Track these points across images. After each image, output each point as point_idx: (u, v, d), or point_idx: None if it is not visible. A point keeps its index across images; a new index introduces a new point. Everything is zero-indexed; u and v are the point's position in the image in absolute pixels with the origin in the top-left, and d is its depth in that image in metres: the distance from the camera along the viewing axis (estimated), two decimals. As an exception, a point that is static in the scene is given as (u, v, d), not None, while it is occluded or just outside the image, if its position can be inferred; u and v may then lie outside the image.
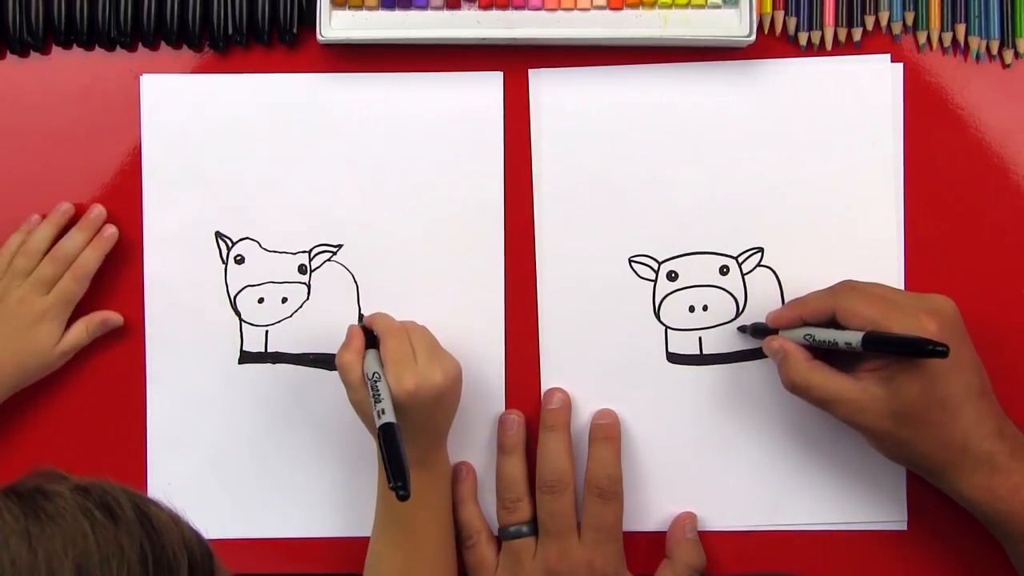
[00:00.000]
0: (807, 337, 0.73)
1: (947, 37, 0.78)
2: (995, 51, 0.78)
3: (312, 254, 0.79)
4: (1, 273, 0.78)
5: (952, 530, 0.78)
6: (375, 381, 0.70)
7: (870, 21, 0.78)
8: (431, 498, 0.75)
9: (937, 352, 0.66)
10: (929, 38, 0.78)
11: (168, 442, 0.80)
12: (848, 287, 0.72)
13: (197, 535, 0.55)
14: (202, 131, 0.79)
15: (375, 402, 0.69)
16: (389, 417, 0.68)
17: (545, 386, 0.79)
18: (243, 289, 0.80)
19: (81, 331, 0.78)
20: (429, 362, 0.72)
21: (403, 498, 0.64)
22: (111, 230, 0.79)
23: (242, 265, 0.80)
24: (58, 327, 0.77)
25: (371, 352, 0.73)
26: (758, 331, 0.77)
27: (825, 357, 0.73)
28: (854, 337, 0.69)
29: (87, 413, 0.80)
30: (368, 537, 0.76)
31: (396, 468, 0.65)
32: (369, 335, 0.74)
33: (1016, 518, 0.69)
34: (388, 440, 0.67)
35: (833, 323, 0.72)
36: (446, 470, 0.76)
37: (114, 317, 0.79)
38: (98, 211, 0.79)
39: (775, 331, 0.75)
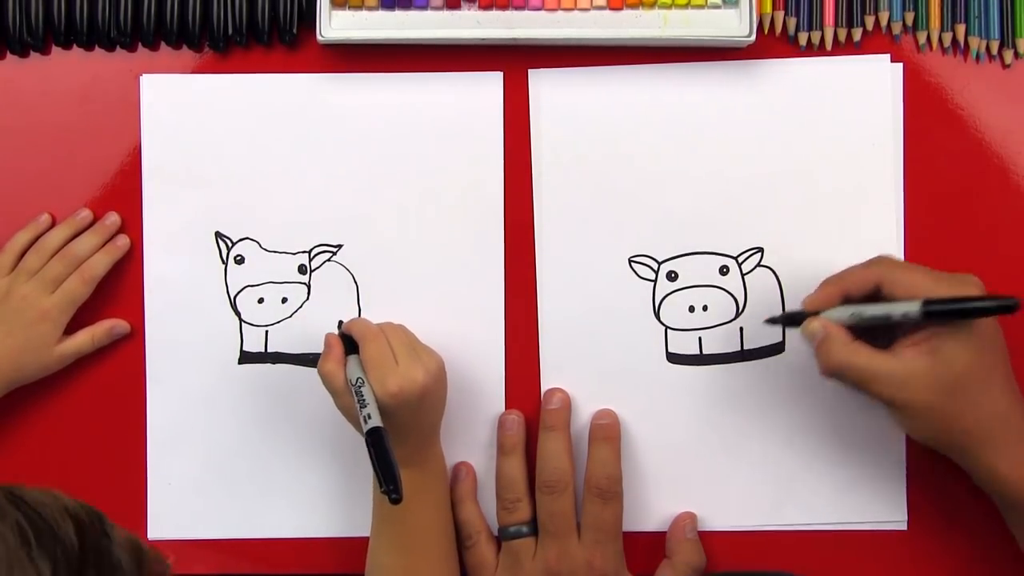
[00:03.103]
0: (853, 316, 0.70)
1: (947, 37, 0.78)
2: (995, 51, 0.78)
3: (312, 254, 0.80)
4: (7, 269, 0.78)
5: (952, 530, 0.78)
6: (359, 387, 0.70)
7: (870, 21, 0.78)
8: (427, 494, 0.75)
9: (1008, 308, 0.65)
10: (929, 38, 0.78)
11: (168, 442, 0.80)
12: (889, 260, 0.72)
13: (80, 503, 0.53)
14: (202, 131, 0.80)
15: (360, 408, 0.69)
16: (375, 421, 0.68)
17: (545, 386, 0.79)
18: (243, 289, 0.80)
19: (86, 339, 0.78)
20: (410, 361, 0.72)
21: (396, 501, 0.65)
22: (124, 240, 0.79)
23: (242, 265, 0.80)
24: (59, 327, 0.77)
25: (352, 358, 0.73)
26: (792, 320, 0.74)
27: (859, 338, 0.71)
28: (911, 306, 0.67)
29: (87, 413, 0.80)
30: (366, 537, 0.76)
31: (386, 472, 0.66)
32: (348, 342, 0.74)
33: None
34: (376, 445, 0.67)
35: (872, 298, 0.70)
36: (441, 466, 0.76)
37: (120, 325, 0.79)
38: (113, 218, 0.79)
39: (805, 317, 0.72)
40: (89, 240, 0.78)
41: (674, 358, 0.79)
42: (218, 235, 0.80)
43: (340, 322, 0.78)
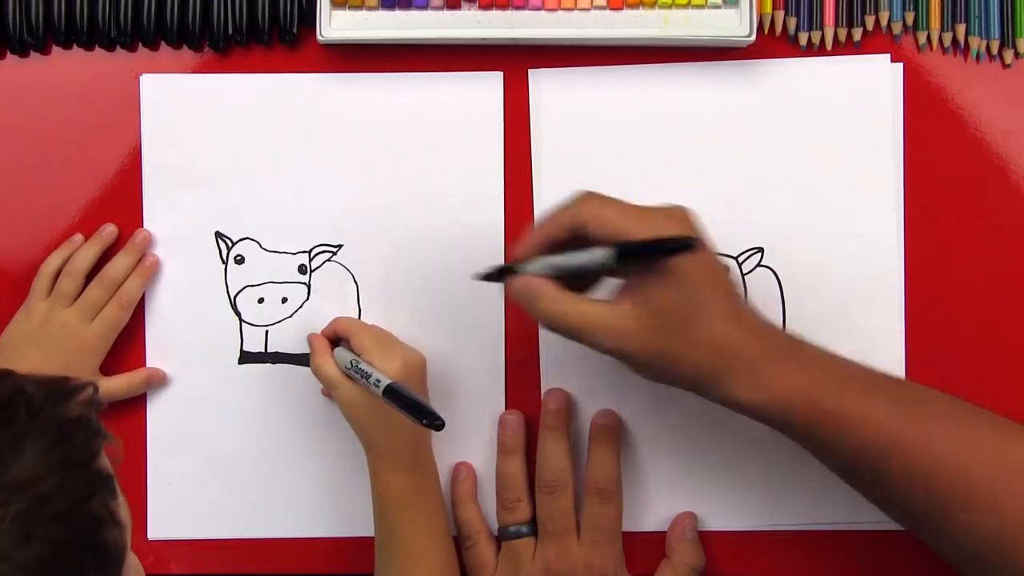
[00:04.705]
0: (551, 268, 0.67)
1: (947, 37, 0.78)
2: (995, 51, 0.78)
3: (312, 254, 0.80)
4: (44, 294, 0.77)
5: (952, 530, 0.78)
6: (357, 365, 0.71)
7: (870, 21, 0.78)
8: (425, 501, 0.74)
9: (686, 245, 0.63)
10: (929, 38, 0.78)
11: (168, 442, 0.80)
12: (591, 195, 0.67)
13: (42, 379, 0.54)
14: (202, 131, 0.80)
15: (365, 378, 0.70)
16: (386, 380, 0.69)
17: (545, 386, 0.79)
18: (243, 289, 0.80)
19: (123, 385, 0.78)
20: (401, 343, 0.75)
21: (440, 427, 0.66)
22: (153, 259, 0.78)
23: (242, 265, 0.80)
24: (100, 357, 0.77)
25: (339, 349, 0.74)
26: (494, 274, 0.70)
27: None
28: (605, 253, 0.64)
29: (87, 413, 0.80)
30: (366, 537, 0.76)
31: (419, 411, 0.67)
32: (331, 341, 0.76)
33: (796, 409, 0.66)
34: (397, 397, 0.68)
35: (579, 242, 0.67)
36: (434, 470, 0.76)
37: (158, 376, 0.79)
38: (143, 235, 0.78)
39: (509, 273, 0.69)
40: (123, 261, 0.78)
41: (674, 358, 0.79)
42: (218, 235, 0.80)
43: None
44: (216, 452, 0.80)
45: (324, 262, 0.79)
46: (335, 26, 0.78)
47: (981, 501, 0.63)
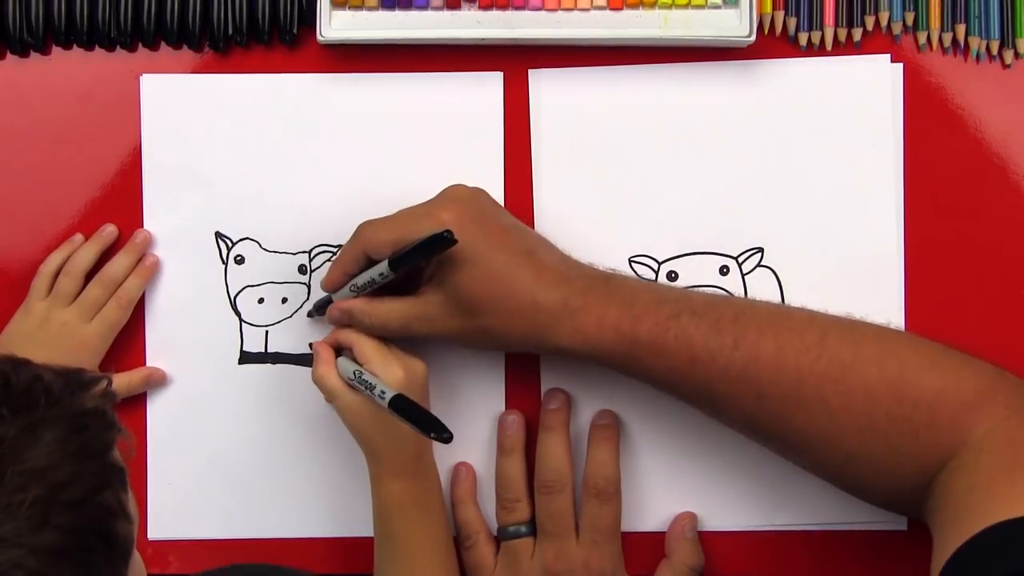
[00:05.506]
0: (352, 288, 0.73)
1: (947, 37, 0.78)
2: (995, 51, 0.78)
3: (312, 254, 0.80)
4: (43, 293, 0.77)
5: (952, 530, 0.78)
6: (360, 376, 0.71)
7: (870, 21, 0.78)
8: (425, 510, 0.74)
9: (446, 240, 0.67)
10: (929, 38, 0.78)
11: (168, 442, 0.80)
12: (365, 224, 0.73)
13: (60, 369, 0.54)
14: (202, 131, 0.80)
15: (371, 389, 0.70)
16: (392, 392, 0.69)
17: (545, 386, 0.79)
18: (243, 289, 0.80)
19: (122, 384, 0.77)
20: (403, 353, 0.74)
21: (448, 439, 0.66)
22: (153, 259, 0.79)
23: (242, 265, 0.80)
24: (99, 356, 0.77)
25: (341, 359, 0.74)
26: (321, 307, 0.77)
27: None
28: (383, 266, 0.70)
29: (87, 413, 0.79)
30: (366, 537, 0.76)
31: (428, 423, 0.67)
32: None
33: (612, 346, 0.69)
34: (404, 409, 0.68)
35: (373, 263, 0.72)
36: (436, 477, 0.76)
37: (157, 375, 0.79)
38: (143, 235, 0.79)
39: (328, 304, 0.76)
40: (123, 261, 0.78)
41: (674, 358, 0.79)
42: (218, 235, 0.80)
43: (310, 344, 0.77)
44: (216, 452, 0.80)
45: (324, 262, 0.79)
46: (335, 26, 0.78)
47: (811, 401, 0.67)
